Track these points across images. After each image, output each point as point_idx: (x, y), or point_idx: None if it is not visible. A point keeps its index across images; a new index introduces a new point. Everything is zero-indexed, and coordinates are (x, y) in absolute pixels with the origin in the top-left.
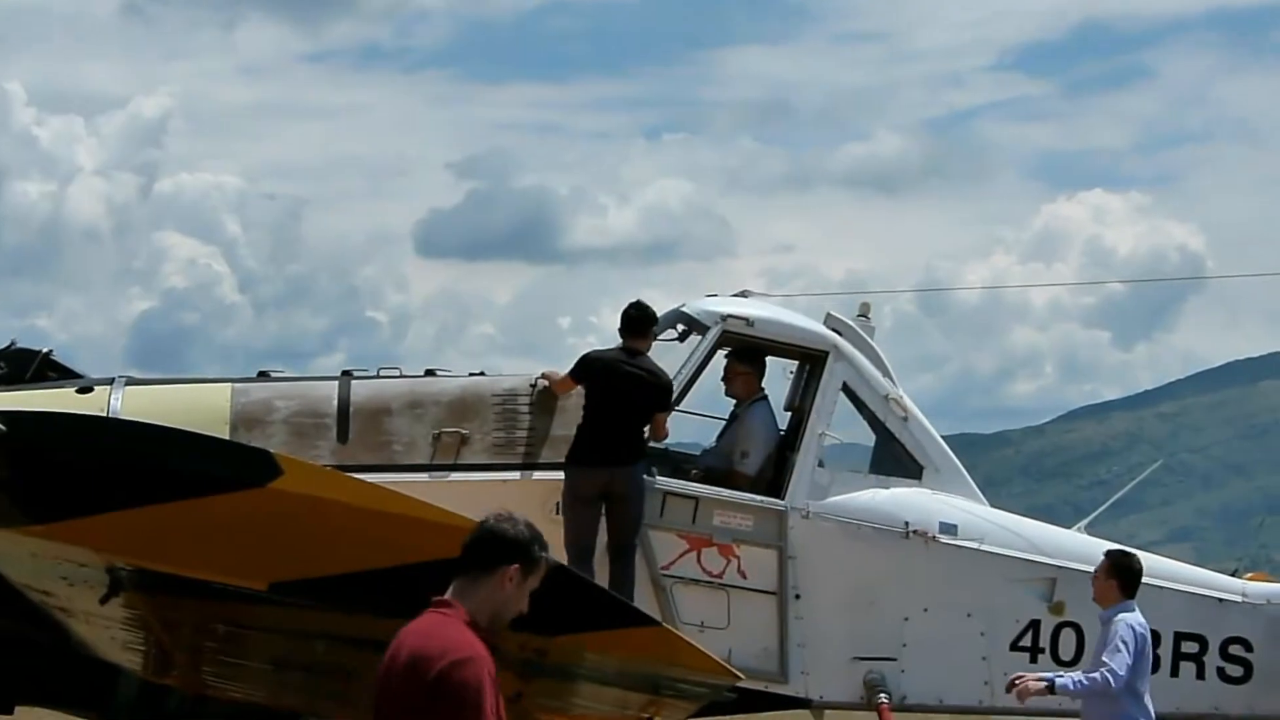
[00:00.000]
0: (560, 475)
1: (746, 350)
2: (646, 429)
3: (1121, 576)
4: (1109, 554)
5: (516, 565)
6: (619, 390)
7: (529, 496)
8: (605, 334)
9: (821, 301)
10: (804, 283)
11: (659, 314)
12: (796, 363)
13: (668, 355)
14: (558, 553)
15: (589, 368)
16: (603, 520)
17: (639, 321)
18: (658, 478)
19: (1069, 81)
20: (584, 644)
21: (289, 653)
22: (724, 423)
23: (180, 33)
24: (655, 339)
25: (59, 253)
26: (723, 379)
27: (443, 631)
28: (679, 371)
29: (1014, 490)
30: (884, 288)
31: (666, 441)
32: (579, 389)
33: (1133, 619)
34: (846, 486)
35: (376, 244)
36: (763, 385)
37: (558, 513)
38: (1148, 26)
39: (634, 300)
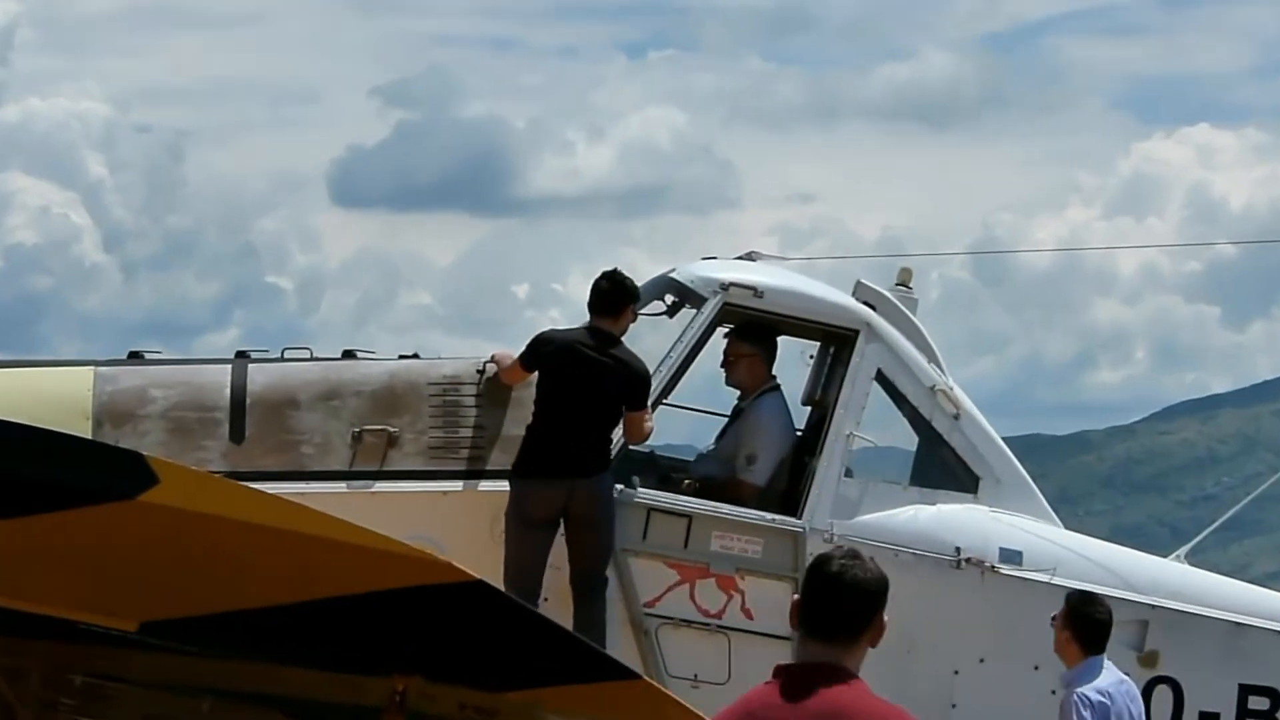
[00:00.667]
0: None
1: (754, 328)
2: (616, 431)
3: (1081, 627)
4: (1068, 597)
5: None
6: (578, 381)
7: (474, 513)
8: (573, 306)
9: (850, 266)
10: (827, 242)
11: (642, 283)
12: (818, 344)
13: (653, 334)
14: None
15: (540, 352)
16: (562, 548)
17: (612, 296)
18: (639, 489)
19: None
20: (541, 702)
21: (166, 712)
22: (724, 420)
23: None
24: (637, 316)
25: None
26: (723, 364)
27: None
28: (668, 354)
29: (1095, 507)
30: (929, 249)
31: (651, 443)
32: (533, 379)
33: (1091, 690)
34: (881, 502)
35: (280, 190)
36: (774, 373)
37: None
38: None
39: (608, 269)
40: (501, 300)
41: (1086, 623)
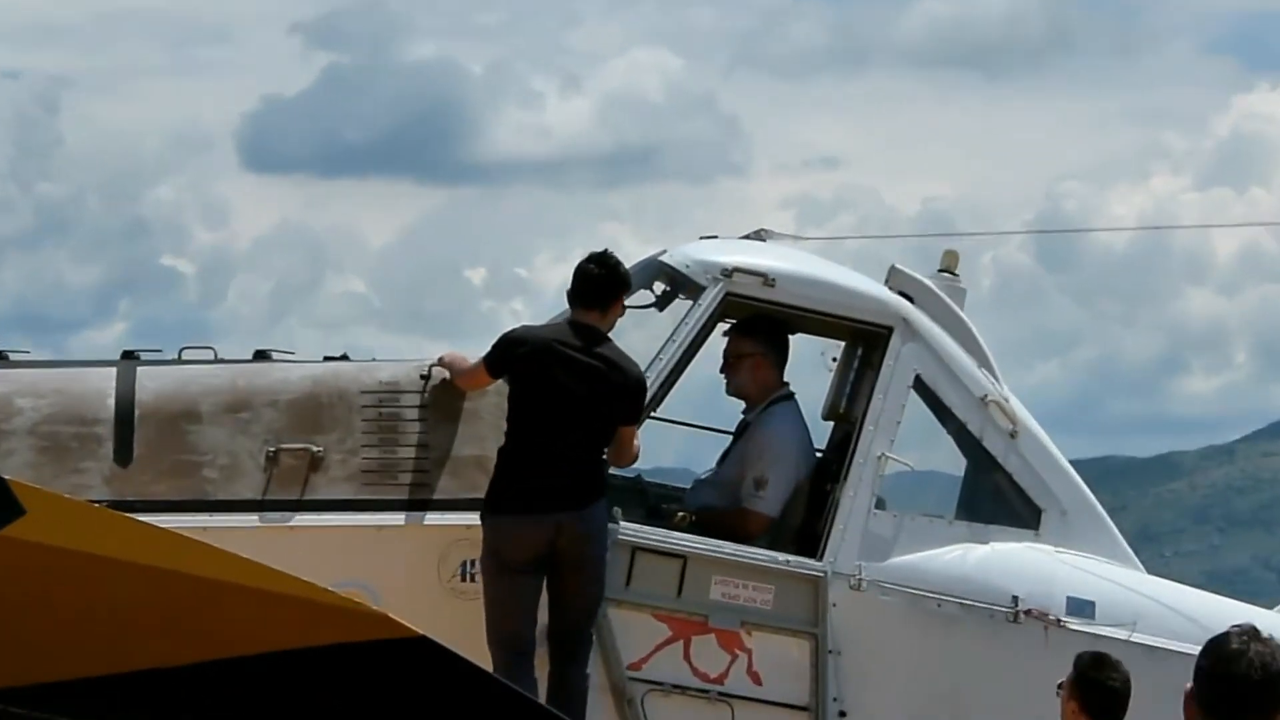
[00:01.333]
0: (468, 519)
1: (762, 324)
2: (606, 450)
3: (1090, 696)
4: (1077, 660)
5: None
6: (562, 390)
7: (417, 552)
8: (542, 297)
9: (882, 248)
10: (854, 218)
11: (629, 267)
12: (842, 345)
13: (638, 330)
14: (472, 648)
15: (511, 353)
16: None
17: (604, 285)
18: (622, 524)
19: None
20: None
21: None
22: (727, 438)
23: None
24: (625, 309)
25: None
26: (723, 369)
27: None
28: (657, 356)
29: (1186, 546)
30: (981, 226)
31: (637, 466)
32: (499, 385)
33: None
34: (920, 540)
35: (180, 150)
36: (786, 380)
37: (465, 578)
38: None
39: (598, 251)
40: (453, 288)
41: (1097, 691)
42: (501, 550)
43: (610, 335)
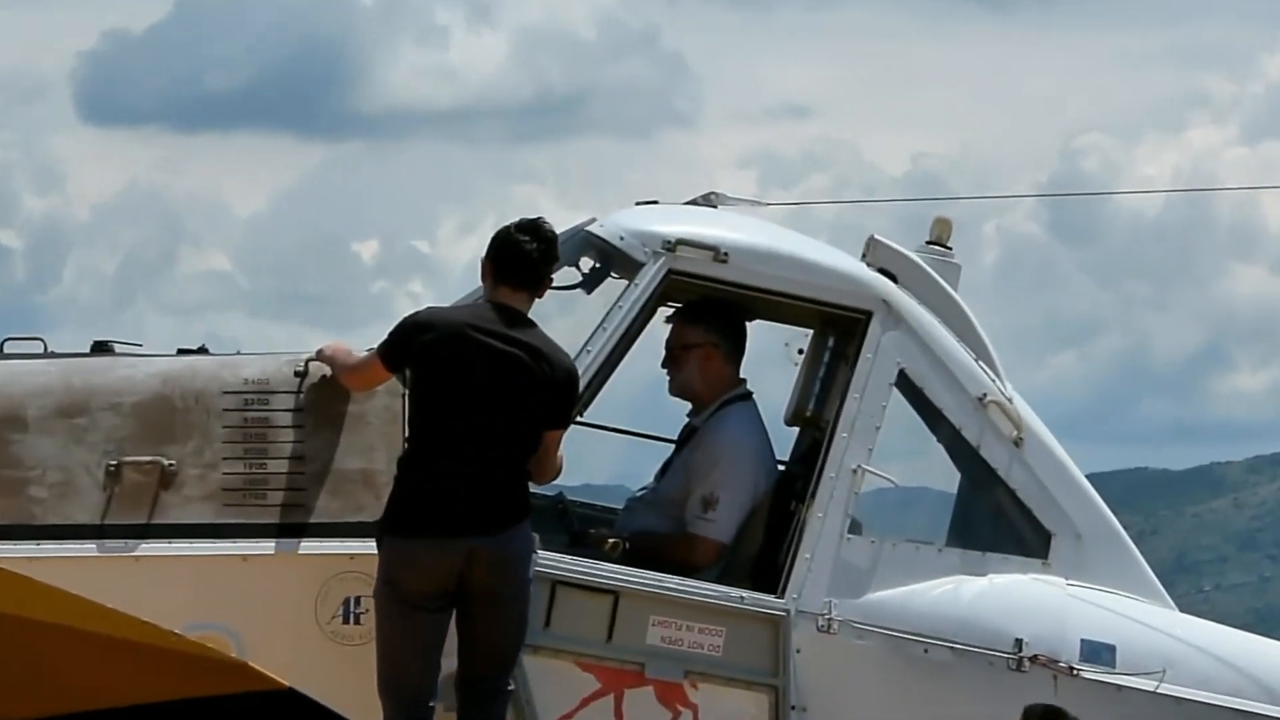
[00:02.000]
0: (352, 547)
1: (714, 309)
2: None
3: None
4: (1027, 712)
5: None
6: (480, 386)
7: (292, 587)
8: (447, 276)
9: (862, 216)
10: (828, 179)
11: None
12: (811, 333)
13: (561, 316)
14: (356, 702)
15: (414, 341)
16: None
17: (535, 261)
18: (539, 552)
19: None
20: None
21: None
22: (669, 447)
23: None
24: (550, 287)
25: None
26: (664, 363)
27: None
28: (585, 347)
29: (1230, 577)
30: (981, 189)
31: (558, 482)
32: (391, 385)
33: None
34: (904, 571)
35: (3, 99)
36: (742, 376)
37: (348, 619)
38: None
39: (528, 218)
40: (337, 265)
41: None
42: (399, 581)
43: (534, 320)
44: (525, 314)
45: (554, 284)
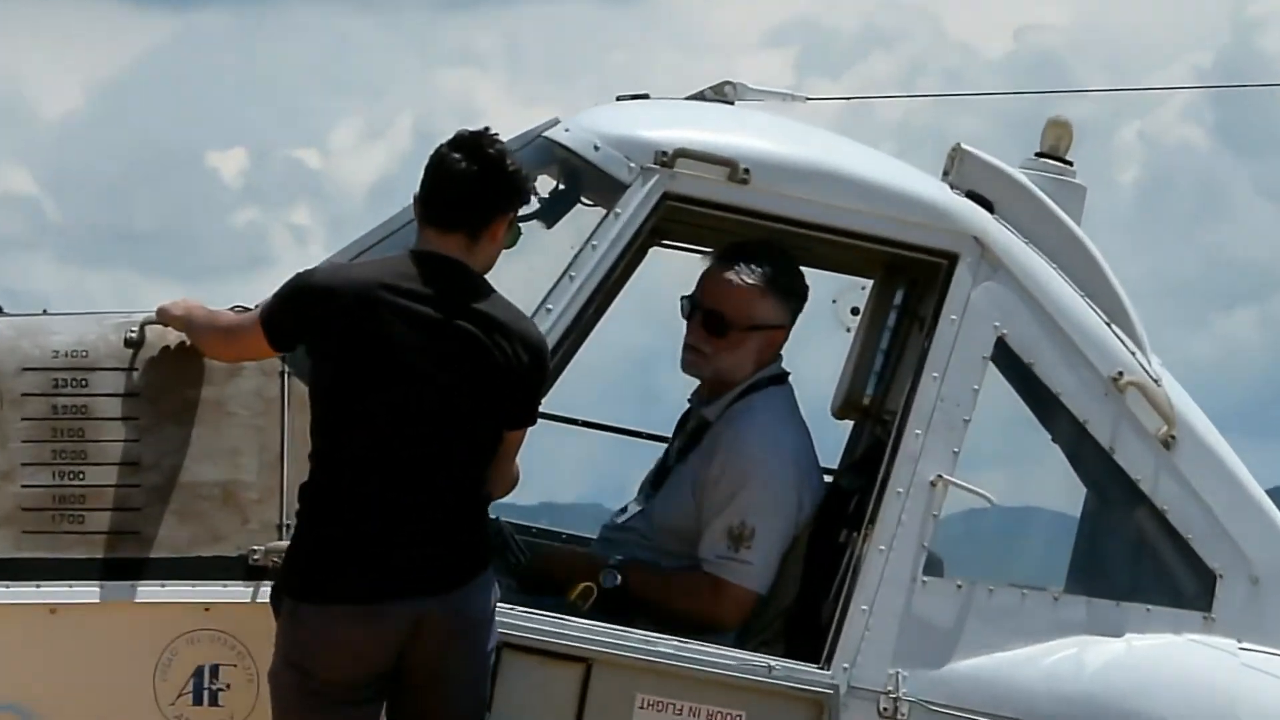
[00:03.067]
0: (210, 592)
1: (789, 268)
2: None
3: None
4: None
5: None
6: (409, 372)
7: (121, 649)
8: (345, 201)
9: (941, 114)
10: (893, 63)
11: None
12: (869, 286)
13: (511, 259)
14: None
15: (317, 311)
16: None
17: (466, 187)
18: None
19: None
20: None
21: None
22: (663, 446)
23: None
24: (517, 234)
25: None
26: (697, 334)
27: None
28: (544, 303)
29: None
30: (1117, 79)
31: (508, 500)
32: (269, 362)
33: None
34: (1005, 630)
35: None
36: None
37: (200, 699)
38: None
39: (470, 130)
40: (185, 187)
41: None
42: (312, 665)
43: (487, 277)
44: (467, 267)
45: (513, 219)
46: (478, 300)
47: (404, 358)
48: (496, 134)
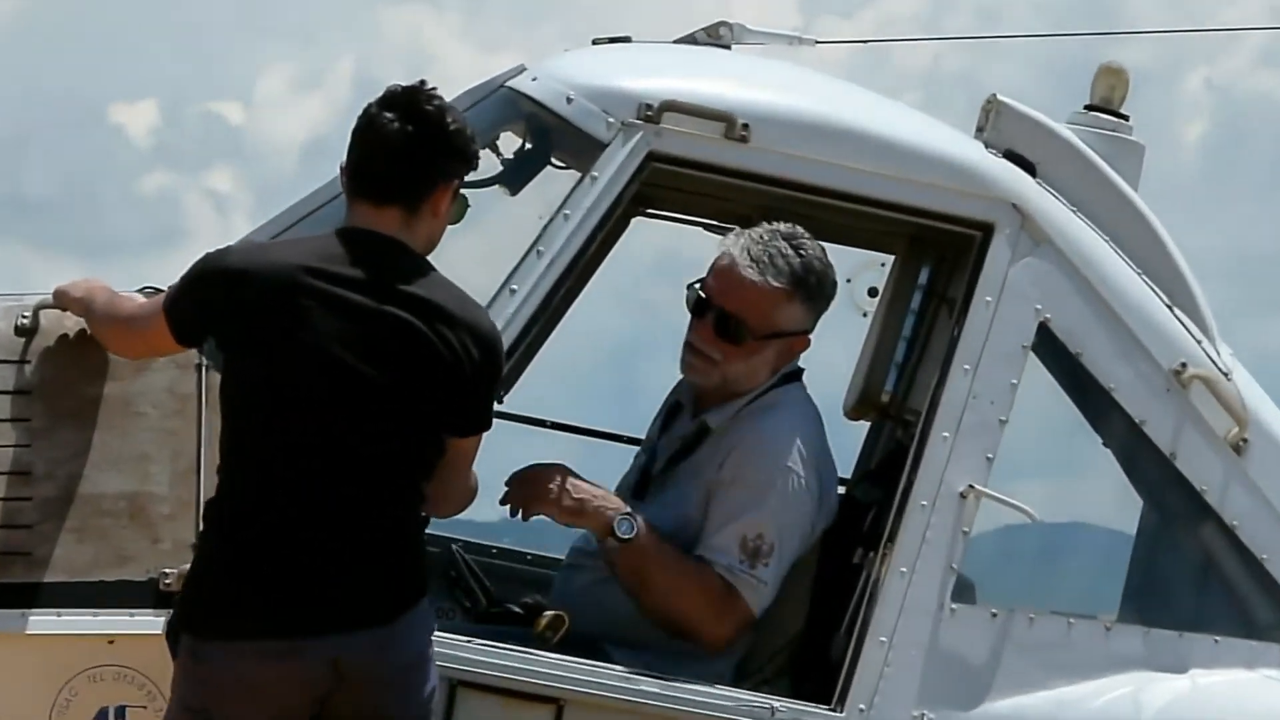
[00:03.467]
0: (124, 625)
1: (763, 243)
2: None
3: None
4: None
5: None
6: (336, 369)
7: (18, 691)
8: (273, 166)
9: (974, 59)
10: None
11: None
12: (889, 263)
13: (466, 231)
14: None
15: (225, 298)
16: None
17: (400, 152)
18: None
19: None
20: None
21: None
22: (644, 459)
23: None
24: (462, 208)
25: None
26: (702, 333)
27: None
28: (507, 284)
29: None
30: (1174, 20)
31: (464, 517)
32: (185, 356)
33: None
34: (1048, 665)
35: None
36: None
37: None
38: None
39: (400, 86)
40: (83, 145)
41: None
42: (213, 711)
43: (429, 257)
44: (405, 246)
45: (458, 187)
46: (418, 285)
47: (327, 352)
48: (434, 88)
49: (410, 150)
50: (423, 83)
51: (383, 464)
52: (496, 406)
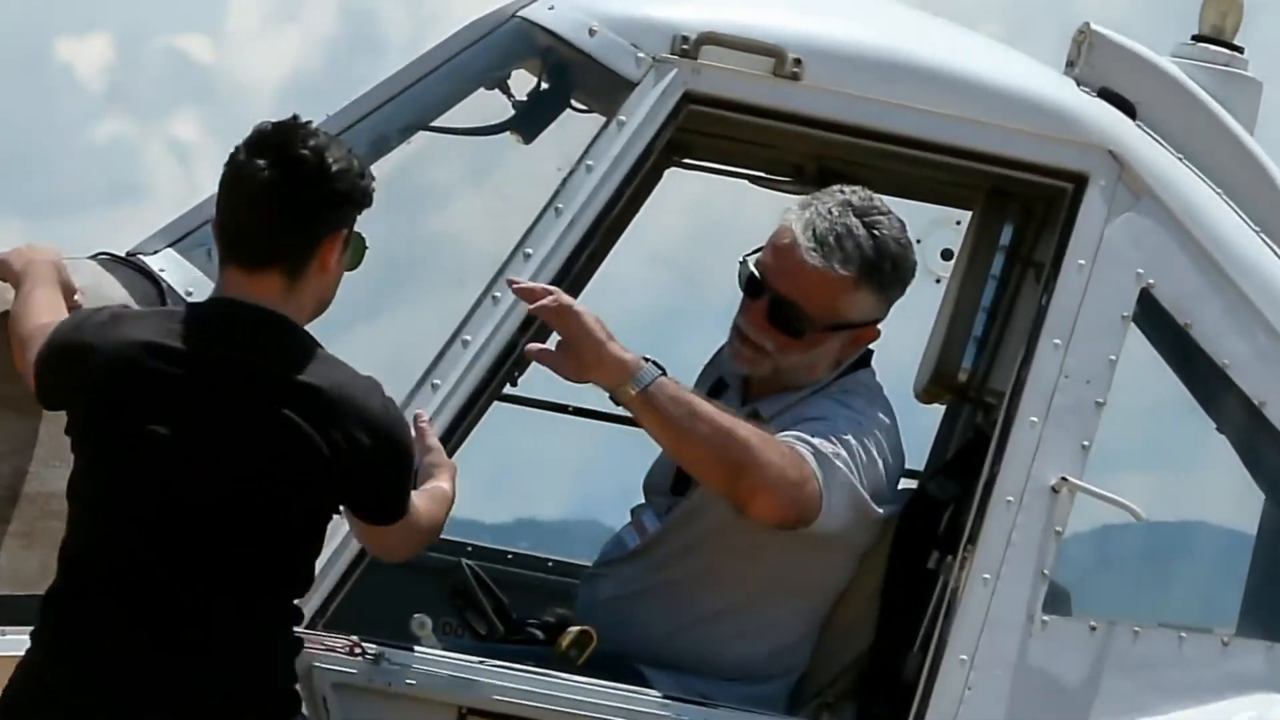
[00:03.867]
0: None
1: (830, 220)
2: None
3: None
4: None
5: None
6: (172, 459)
7: None
8: (244, 109)
9: None
10: None
11: (452, 32)
12: (965, 220)
13: (473, 185)
14: None
15: (67, 380)
16: None
17: (268, 206)
18: (423, 647)
19: None
20: None
21: None
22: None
23: None
24: (360, 252)
25: None
26: (755, 318)
27: None
28: (521, 247)
29: None
30: None
31: (479, 511)
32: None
33: None
34: (1157, 685)
35: None
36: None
37: None
38: None
39: (279, 122)
40: (26, 87)
41: None
42: None
43: (305, 327)
44: (281, 320)
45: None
46: (289, 367)
47: (161, 445)
48: (309, 121)
49: (285, 205)
50: (295, 117)
51: (226, 560)
52: (511, 390)
